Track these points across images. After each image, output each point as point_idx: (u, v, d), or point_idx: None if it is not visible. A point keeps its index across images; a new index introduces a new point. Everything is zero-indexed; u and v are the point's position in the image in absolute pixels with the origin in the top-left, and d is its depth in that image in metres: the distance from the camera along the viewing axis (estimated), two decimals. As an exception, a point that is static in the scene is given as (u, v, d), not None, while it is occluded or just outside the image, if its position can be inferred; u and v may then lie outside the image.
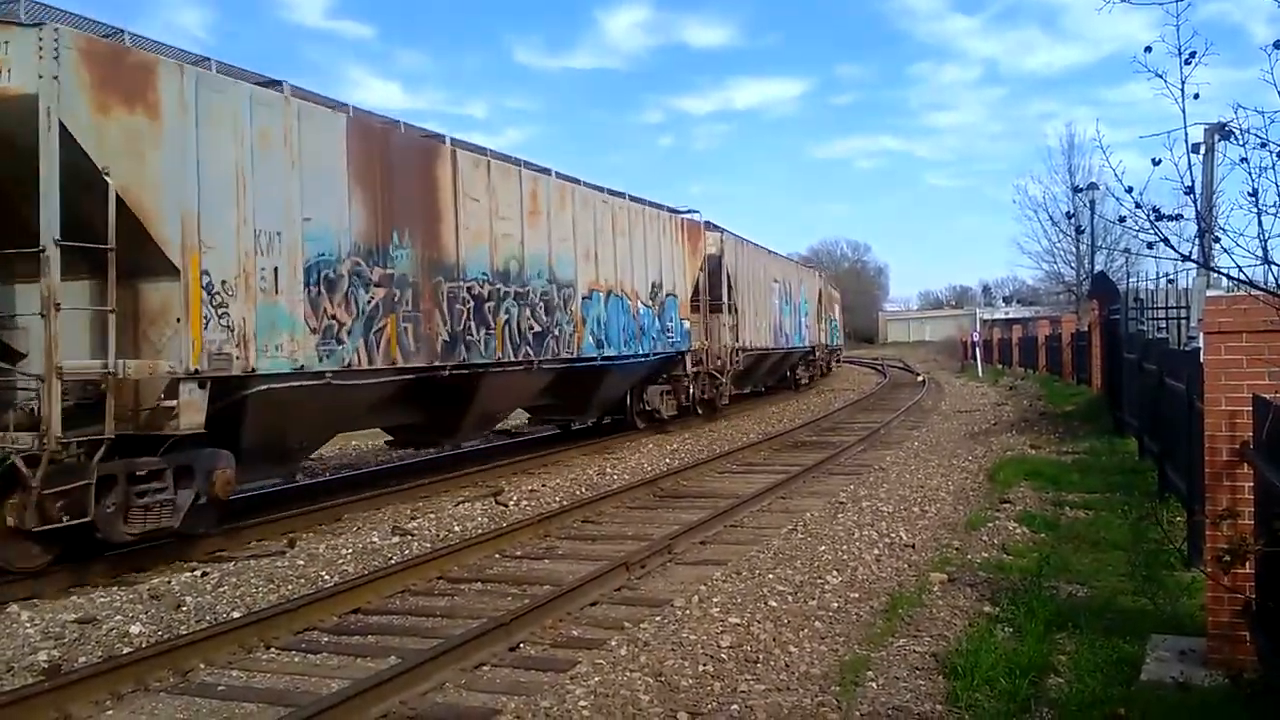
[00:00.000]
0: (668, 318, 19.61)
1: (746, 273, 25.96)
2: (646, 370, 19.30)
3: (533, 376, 14.94)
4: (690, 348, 20.65)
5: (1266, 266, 3.94)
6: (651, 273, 19.05)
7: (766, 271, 28.63)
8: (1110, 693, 5.28)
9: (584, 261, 16.32)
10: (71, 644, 6.93)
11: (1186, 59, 3.90)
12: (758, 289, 27.13)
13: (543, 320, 14.83)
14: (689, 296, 20.95)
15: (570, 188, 16.12)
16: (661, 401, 19.93)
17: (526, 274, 14.48)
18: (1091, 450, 15.81)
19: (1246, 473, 5.32)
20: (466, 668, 6.26)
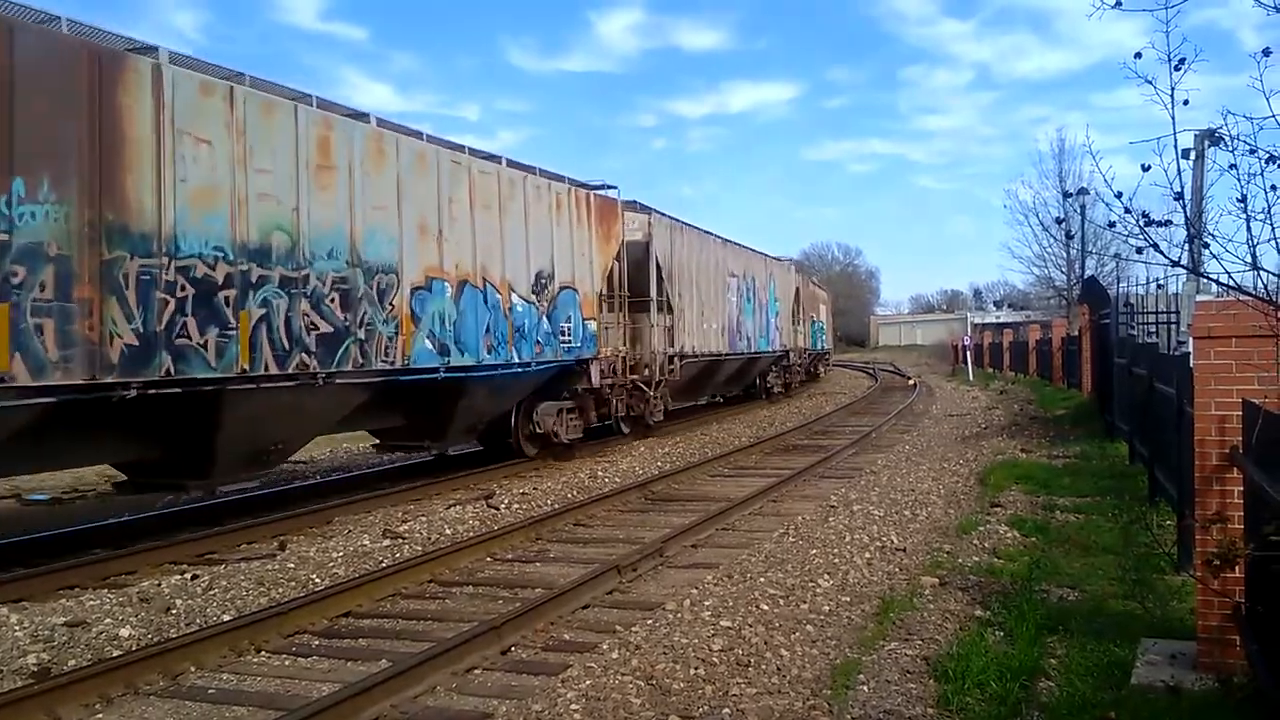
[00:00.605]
0: (561, 317, 15.79)
1: (688, 264, 22.03)
2: (531, 383, 15.48)
3: (324, 395, 11.09)
4: (596, 354, 16.86)
5: (1255, 272, 3.96)
6: (537, 259, 15.12)
7: (719, 264, 24.60)
8: (1101, 696, 5.29)
9: (418, 240, 12.43)
10: (61, 647, 6.91)
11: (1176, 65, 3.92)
12: (705, 284, 23.27)
13: (338, 318, 11.03)
14: (597, 291, 17.06)
15: (397, 139, 12.22)
16: (560, 422, 16.17)
17: (307, 253, 10.58)
18: (1082, 454, 15.85)
19: (1236, 477, 5.35)
20: (458, 671, 6.25)
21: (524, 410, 15.92)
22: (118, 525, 11.11)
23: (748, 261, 27.89)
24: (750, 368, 28.92)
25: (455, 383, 13.38)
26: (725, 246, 25.63)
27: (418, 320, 12.36)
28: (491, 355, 13.94)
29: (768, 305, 29.86)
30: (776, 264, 32.49)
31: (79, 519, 11.67)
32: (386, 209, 11.93)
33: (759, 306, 28.66)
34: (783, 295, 32.35)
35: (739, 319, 26.25)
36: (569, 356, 16.10)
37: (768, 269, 30.55)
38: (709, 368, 23.95)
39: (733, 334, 25.56)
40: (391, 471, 15.74)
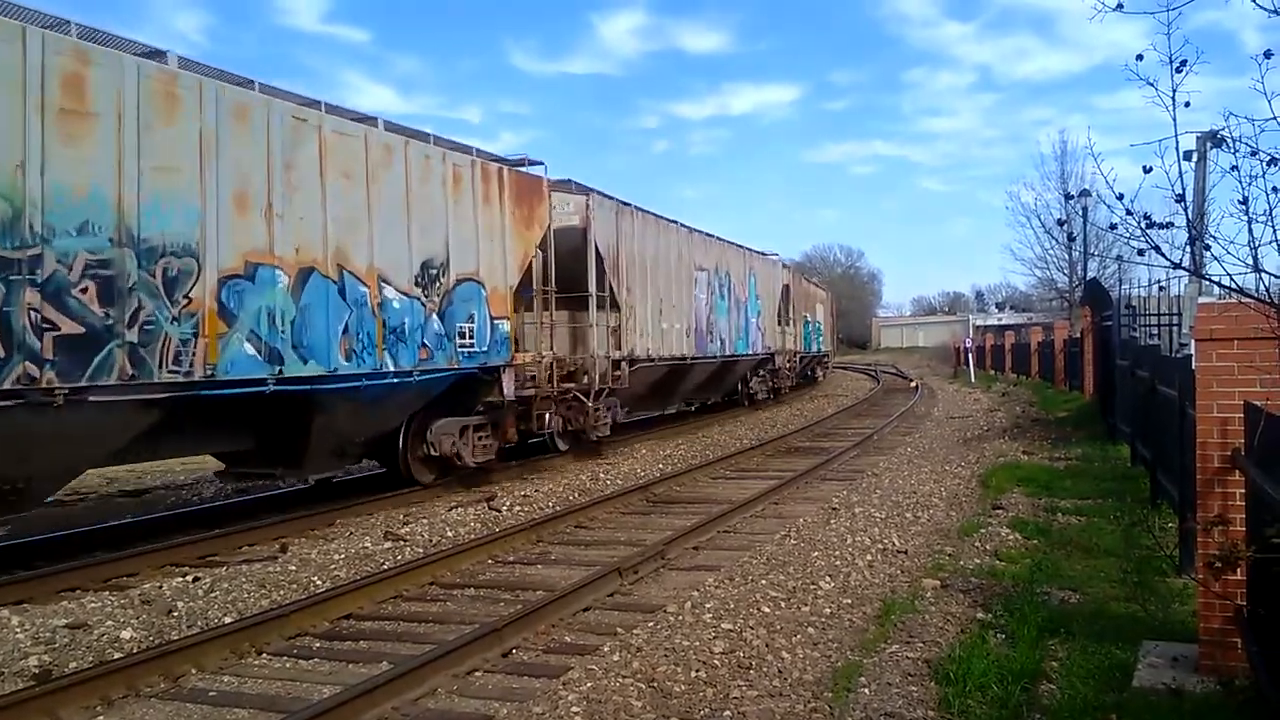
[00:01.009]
0: (461, 315, 12.95)
1: (640, 255, 18.97)
2: (416, 396, 12.60)
3: (73, 419, 8.29)
4: (509, 360, 14.04)
5: (1257, 274, 3.95)
6: (424, 245, 12.28)
7: (683, 256, 21.65)
8: (1102, 699, 5.29)
9: (234, 215, 9.72)
10: (62, 649, 6.91)
11: (1178, 67, 3.92)
12: (665, 278, 20.33)
13: (95, 314, 8.39)
14: (512, 285, 14.18)
15: (200, 84, 9.48)
16: (465, 442, 13.47)
17: (38, 226, 7.95)
18: (1084, 456, 15.84)
19: (1238, 479, 5.34)
20: (459, 673, 6.25)
21: (415, 429, 13.06)
22: (119, 527, 11.11)
23: (722, 255, 24.85)
24: (727, 372, 26.13)
25: (299, 397, 10.59)
26: (692, 237, 22.52)
27: (231, 318, 9.65)
28: (352, 363, 11.07)
29: (747, 303, 26.86)
30: (759, 259, 29.18)
31: (80, 521, 11.67)
32: (180, 172, 9.15)
33: (736, 305, 25.60)
34: (767, 293, 29.21)
35: (710, 318, 23.38)
36: (471, 363, 13.19)
37: (747, 264, 27.35)
38: (672, 373, 21.19)
39: (701, 335, 22.57)
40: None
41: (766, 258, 30.42)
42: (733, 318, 25.33)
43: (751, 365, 28.26)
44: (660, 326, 19.94)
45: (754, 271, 27.98)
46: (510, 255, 14.23)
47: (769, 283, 29.83)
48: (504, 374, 14.02)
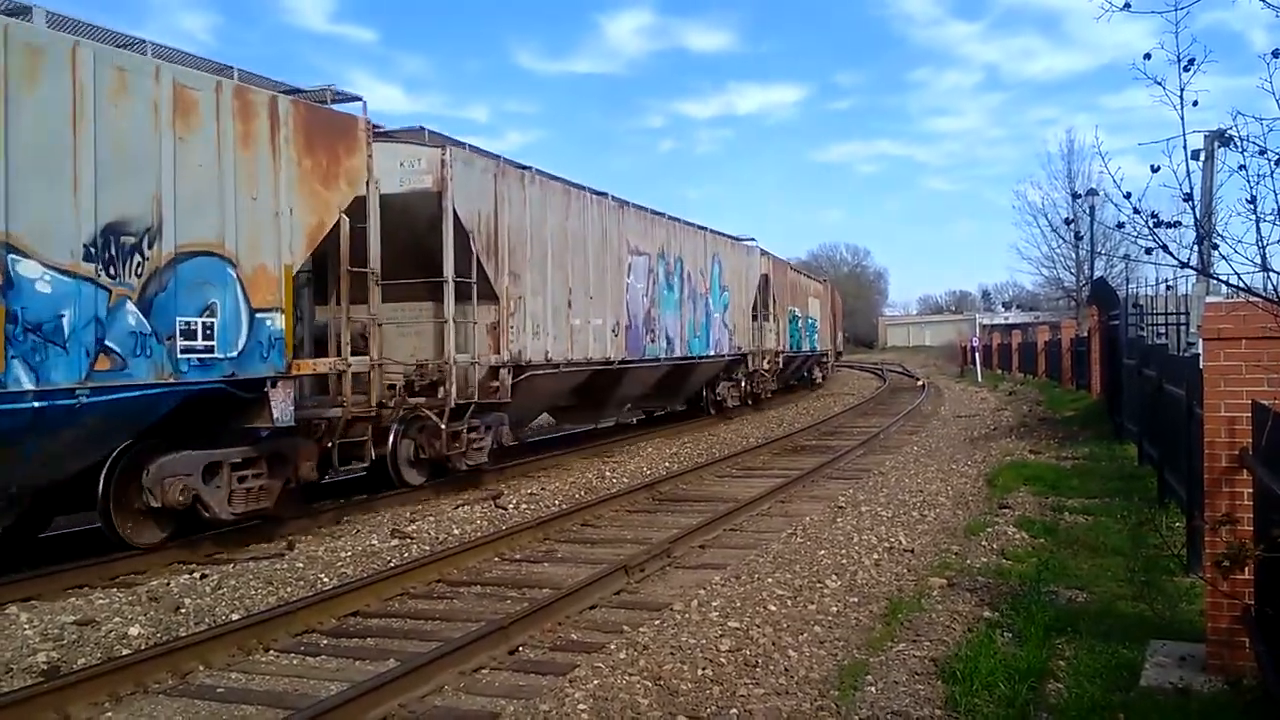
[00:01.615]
0: (190, 305, 9.15)
1: (533, 231, 14.66)
2: (99, 425, 8.57)
3: None
4: (285, 369, 10.17)
5: (1265, 273, 3.94)
6: (114, 199, 8.44)
7: (608, 235, 17.38)
8: (1109, 698, 5.28)
9: None
10: (70, 645, 6.93)
11: (1185, 66, 3.91)
12: (580, 262, 16.21)
13: None
14: (290, 264, 10.28)
15: None
16: (220, 484, 9.77)
17: None
18: (1091, 456, 15.82)
19: (1246, 478, 5.33)
20: (465, 671, 6.26)
21: (121, 470, 9.20)
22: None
23: (670, 237, 20.62)
24: (682, 377, 21.96)
25: None
26: (624, 212, 18.17)
27: None
28: None
29: (709, 296, 22.86)
30: (728, 244, 24.99)
31: (87, 519, 11.70)
32: None
33: (692, 297, 21.64)
34: (738, 284, 25.27)
35: (651, 313, 19.14)
36: (207, 376, 9.31)
37: (709, 249, 23.15)
38: (598, 380, 17.26)
39: (636, 333, 18.37)
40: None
41: (739, 243, 26.25)
42: (687, 312, 21.28)
43: (718, 368, 24.25)
44: (569, 323, 15.77)
45: (719, 258, 23.92)
46: (293, 221, 10.28)
47: (741, 272, 25.75)
48: (274, 391, 10.01)
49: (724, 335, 24.04)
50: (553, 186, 15.67)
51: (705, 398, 24.79)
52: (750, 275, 26.72)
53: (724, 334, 24.06)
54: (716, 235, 24.12)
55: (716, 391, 24.90)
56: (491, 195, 13.70)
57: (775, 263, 30.57)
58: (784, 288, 31.03)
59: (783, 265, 32.34)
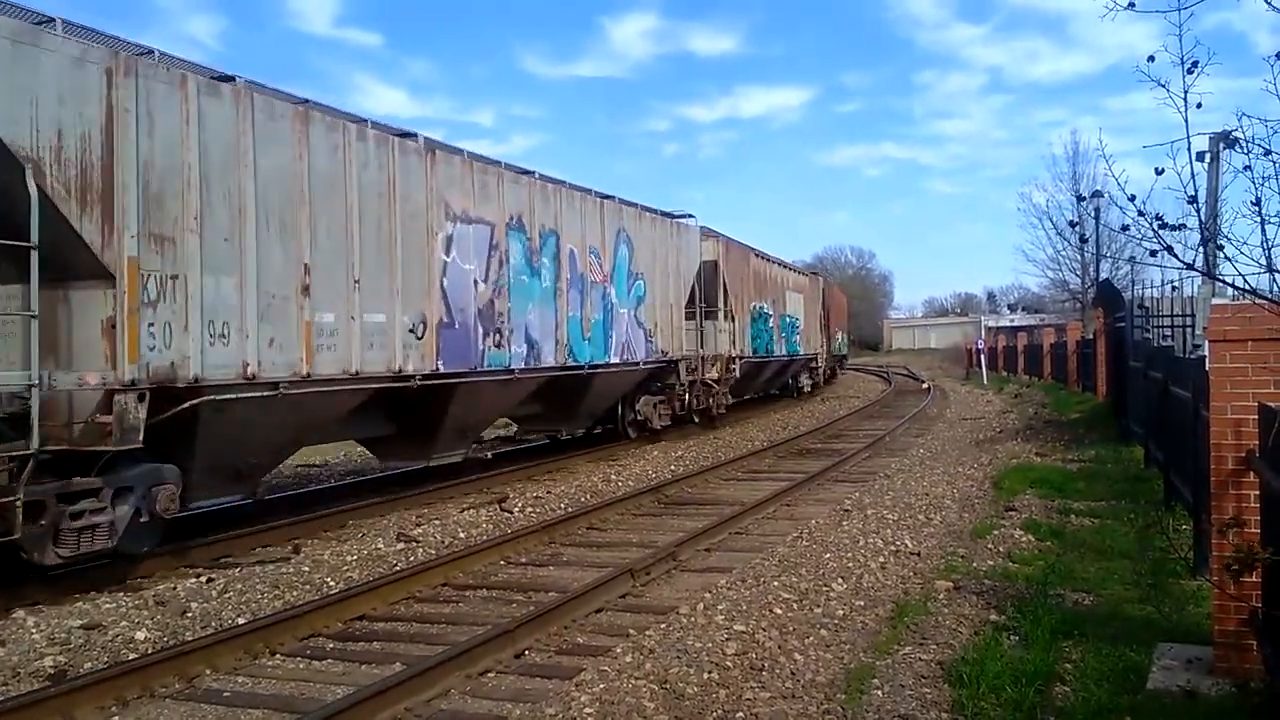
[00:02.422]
0: None
1: (209, 165, 9.42)
2: None
3: None
4: None
5: (1271, 275, 3.94)
6: None
7: (401, 186, 12.03)
8: (1116, 701, 5.27)
9: None
10: (77, 650, 6.95)
11: (1189, 68, 3.91)
12: (335, 223, 10.98)
13: None
14: None
15: None
16: None
17: None
18: (1097, 458, 15.78)
19: (1252, 481, 5.32)
20: (472, 674, 6.26)
21: None
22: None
23: (535, 202, 15.08)
24: (575, 393, 16.81)
25: None
26: (433, 160, 12.64)
27: None
28: None
29: (609, 285, 17.46)
30: (644, 217, 19.21)
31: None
32: None
33: (576, 286, 16.23)
34: (660, 271, 19.80)
35: (494, 306, 13.93)
36: None
37: (609, 223, 17.58)
38: (389, 404, 12.41)
39: (463, 335, 13.17)
40: (405, 475, 15.70)
41: (666, 220, 20.37)
42: (568, 307, 15.90)
43: (632, 380, 18.84)
44: (304, 319, 10.45)
45: (627, 237, 18.25)
46: None
47: (668, 257, 20.21)
48: None
49: (636, 337, 18.47)
50: (275, 108, 10.28)
51: (622, 417, 19.32)
52: (684, 261, 21.04)
53: (636, 335, 18.47)
54: (626, 206, 18.33)
55: (638, 410, 19.32)
56: (99, 105, 8.38)
57: (729, 247, 24.17)
58: (743, 278, 25.25)
59: (742, 251, 25.60)
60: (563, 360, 15.77)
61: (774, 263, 30.06)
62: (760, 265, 27.81)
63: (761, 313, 27.07)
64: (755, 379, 27.83)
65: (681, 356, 20.52)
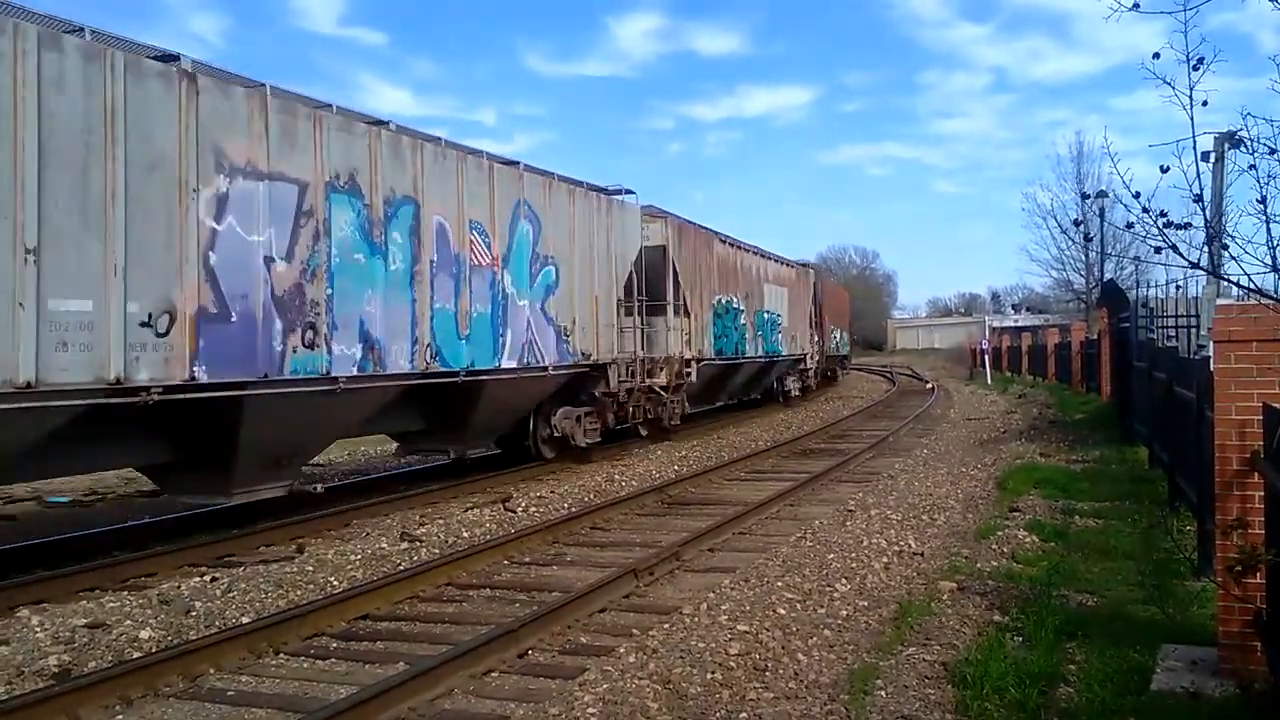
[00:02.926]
0: None
1: None
2: None
3: None
4: None
5: (1276, 274, 3.93)
6: None
7: (152, 136, 8.90)
8: (1120, 702, 5.26)
9: None
10: (81, 648, 6.96)
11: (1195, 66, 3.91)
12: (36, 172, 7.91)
13: None
14: None
15: None
16: None
17: None
18: (1101, 459, 15.76)
19: (1257, 482, 5.31)
20: (475, 674, 6.27)
21: None
22: (137, 528, 11.18)
23: (381, 158, 11.70)
24: (458, 408, 13.58)
25: None
26: (192, 88, 9.33)
27: None
28: None
29: (500, 270, 13.90)
30: (559, 187, 15.56)
31: (99, 521, 11.75)
32: None
33: (444, 270, 12.72)
34: (584, 256, 16.13)
35: (303, 293, 10.62)
36: None
37: (503, 193, 13.96)
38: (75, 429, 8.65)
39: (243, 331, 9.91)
40: (408, 475, 15.75)
41: (598, 195, 16.86)
42: (433, 296, 12.43)
43: (546, 389, 15.41)
44: None
45: (530, 211, 14.57)
46: None
47: (599, 239, 16.62)
48: None
49: (545, 336, 14.94)
50: None
51: (534, 433, 15.91)
52: (618, 244, 17.28)
53: (545, 334, 14.95)
54: (531, 174, 14.79)
55: (556, 424, 15.83)
56: None
57: (683, 231, 20.73)
58: (703, 268, 21.84)
59: (701, 236, 22.07)
60: (426, 364, 12.19)
61: (748, 251, 26.13)
62: (728, 253, 24.23)
63: (729, 308, 23.63)
64: (725, 384, 24.77)
65: (612, 359, 16.80)
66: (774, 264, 28.98)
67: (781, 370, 30.35)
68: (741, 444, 20.05)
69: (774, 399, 30.92)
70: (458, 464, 15.28)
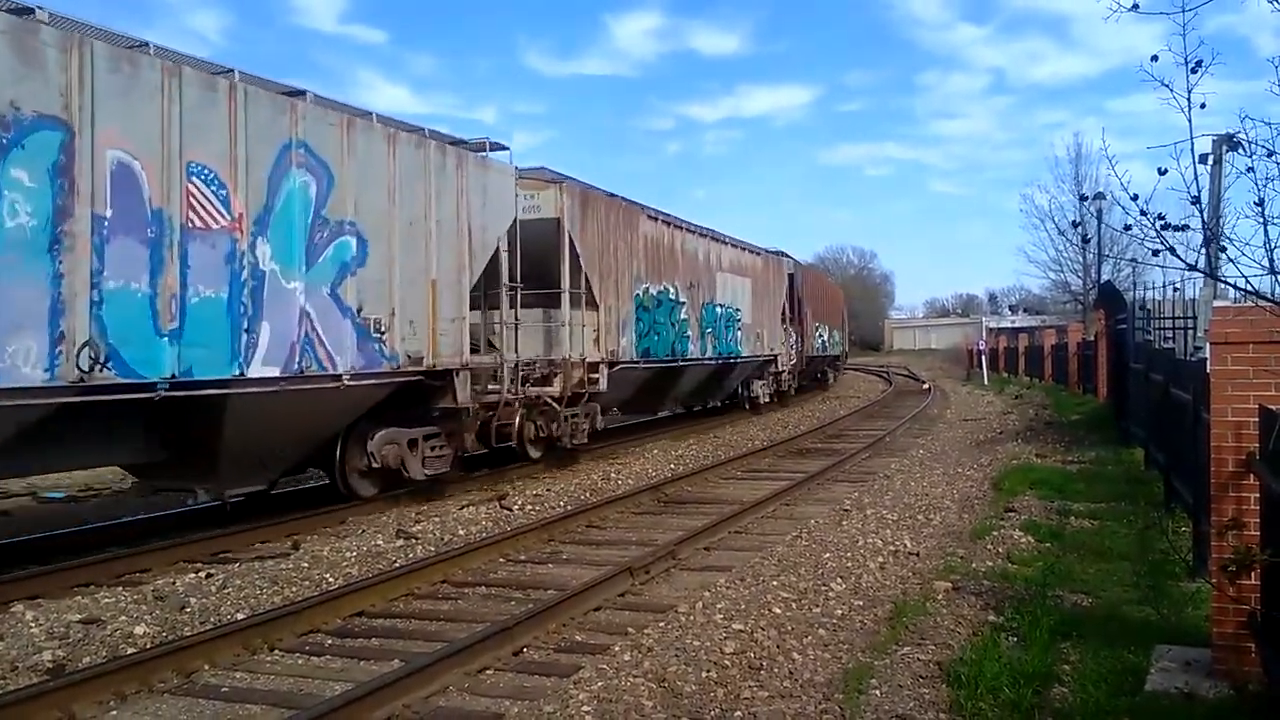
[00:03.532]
0: None
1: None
2: None
3: None
4: None
5: (1273, 276, 3.94)
6: None
7: None
8: (1115, 703, 5.27)
9: None
10: (76, 644, 6.95)
11: (1193, 68, 3.91)
12: None
13: None
14: None
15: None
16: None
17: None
18: (1097, 460, 15.78)
19: (1252, 483, 5.32)
20: (470, 671, 6.26)
21: None
22: (133, 524, 11.17)
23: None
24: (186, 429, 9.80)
25: None
26: None
27: None
28: None
29: (261, 240, 9.91)
30: (384, 135, 11.66)
31: (94, 517, 11.74)
32: None
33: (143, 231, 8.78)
34: (415, 224, 12.01)
35: None
36: None
37: (271, 129, 10.06)
38: None
39: None
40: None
41: (444, 145, 12.70)
42: (102, 267, 8.44)
43: (344, 407, 11.38)
44: None
45: (319, 159, 10.67)
46: None
47: (445, 204, 12.49)
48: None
49: (339, 333, 10.83)
50: None
51: (342, 465, 11.90)
52: (476, 214, 13.05)
53: (339, 330, 10.83)
54: (321, 107, 10.77)
55: (372, 450, 11.81)
56: None
57: (588, 201, 16.49)
58: (620, 249, 17.62)
59: (623, 210, 17.89)
60: (82, 373, 8.26)
61: (694, 232, 21.72)
62: (662, 234, 19.84)
63: (661, 300, 19.48)
64: (666, 391, 21.11)
65: (461, 364, 12.75)
66: (732, 249, 24.48)
67: (747, 373, 26.21)
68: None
69: (740, 406, 26.96)
70: (455, 462, 13.47)
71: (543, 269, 15.21)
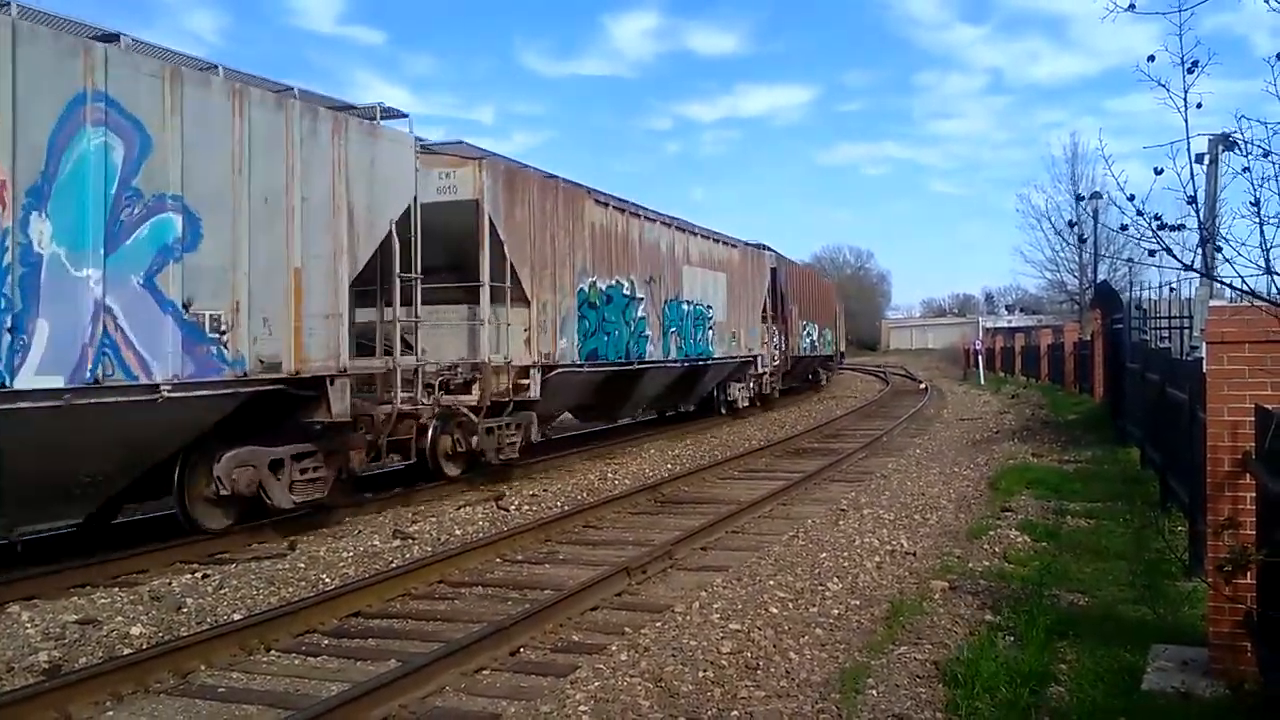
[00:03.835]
0: None
1: None
2: None
3: None
4: None
5: (1269, 277, 3.94)
6: None
7: None
8: (1111, 702, 5.27)
9: None
10: (72, 645, 6.94)
11: (1189, 68, 3.91)
12: None
13: None
14: None
15: None
16: None
17: None
18: (1094, 459, 15.80)
19: (1248, 483, 5.32)
20: (467, 672, 6.26)
21: None
22: (128, 524, 11.14)
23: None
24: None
25: None
26: None
27: None
28: None
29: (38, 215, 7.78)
30: (231, 91, 9.52)
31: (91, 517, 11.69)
32: None
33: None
34: (272, 201, 9.95)
35: None
36: None
37: (53, 77, 7.89)
38: None
39: None
40: (401, 472, 15.62)
41: (321, 109, 10.78)
42: None
43: (161, 429, 9.23)
44: None
45: (128, 116, 8.47)
46: None
47: (318, 178, 10.54)
48: None
49: (158, 332, 8.84)
50: None
51: (181, 493, 10.01)
52: (365, 191, 11.18)
53: (157, 329, 8.83)
54: (135, 54, 8.79)
55: (220, 476, 9.89)
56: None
57: (516, 181, 14.45)
58: (558, 237, 15.47)
59: (562, 192, 15.74)
60: None
61: (654, 221, 19.50)
62: (615, 221, 17.65)
63: (610, 295, 17.27)
64: (624, 397, 19.10)
65: (338, 370, 10.81)
66: (702, 240, 22.21)
67: (723, 376, 24.21)
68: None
69: (715, 411, 24.79)
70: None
71: (464, 259, 13.50)
